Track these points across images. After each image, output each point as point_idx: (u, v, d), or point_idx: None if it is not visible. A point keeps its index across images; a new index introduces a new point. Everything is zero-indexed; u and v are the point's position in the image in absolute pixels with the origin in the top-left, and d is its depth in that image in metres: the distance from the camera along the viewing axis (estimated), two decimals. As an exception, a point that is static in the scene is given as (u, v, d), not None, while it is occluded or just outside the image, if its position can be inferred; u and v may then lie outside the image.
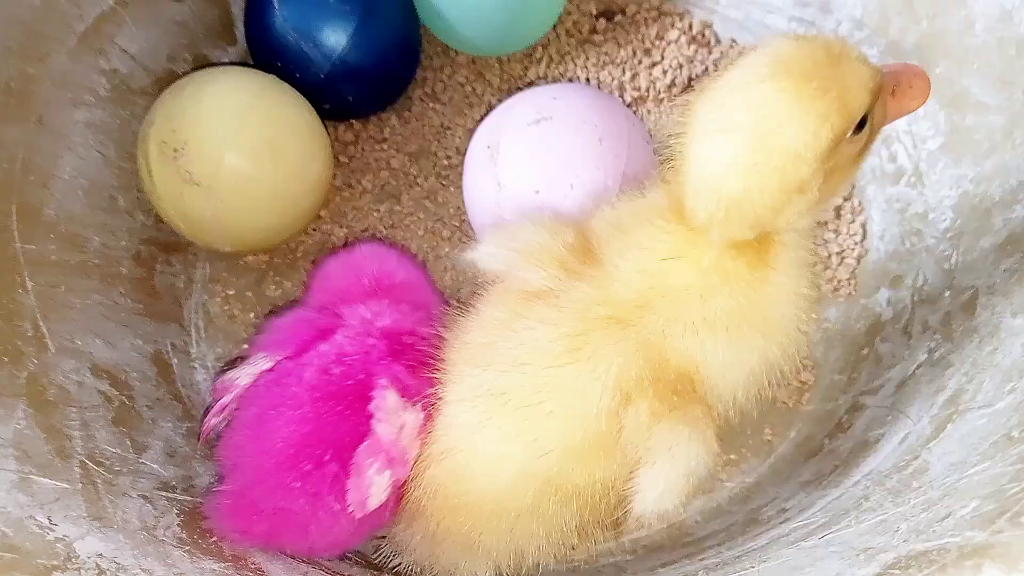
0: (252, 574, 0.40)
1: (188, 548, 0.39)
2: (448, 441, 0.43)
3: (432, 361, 0.45)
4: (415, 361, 0.46)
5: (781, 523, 0.44)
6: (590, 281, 0.40)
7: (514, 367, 0.40)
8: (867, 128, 0.35)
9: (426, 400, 0.45)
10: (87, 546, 0.34)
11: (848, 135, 0.34)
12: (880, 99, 0.36)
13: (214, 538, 0.42)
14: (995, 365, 0.40)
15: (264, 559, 0.43)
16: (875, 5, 0.60)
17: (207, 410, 0.48)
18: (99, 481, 0.40)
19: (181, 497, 0.45)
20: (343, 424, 0.43)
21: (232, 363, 0.49)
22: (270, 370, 0.46)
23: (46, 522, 0.35)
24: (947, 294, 0.49)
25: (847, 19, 0.62)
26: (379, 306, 0.48)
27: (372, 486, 0.44)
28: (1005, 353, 0.40)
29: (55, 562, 0.33)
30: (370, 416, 0.44)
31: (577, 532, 0.44)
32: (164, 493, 0.44)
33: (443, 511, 0.43)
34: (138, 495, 0.42)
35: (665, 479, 0.38)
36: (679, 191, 0.37)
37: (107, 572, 0.33)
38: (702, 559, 0.45)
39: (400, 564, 0.48)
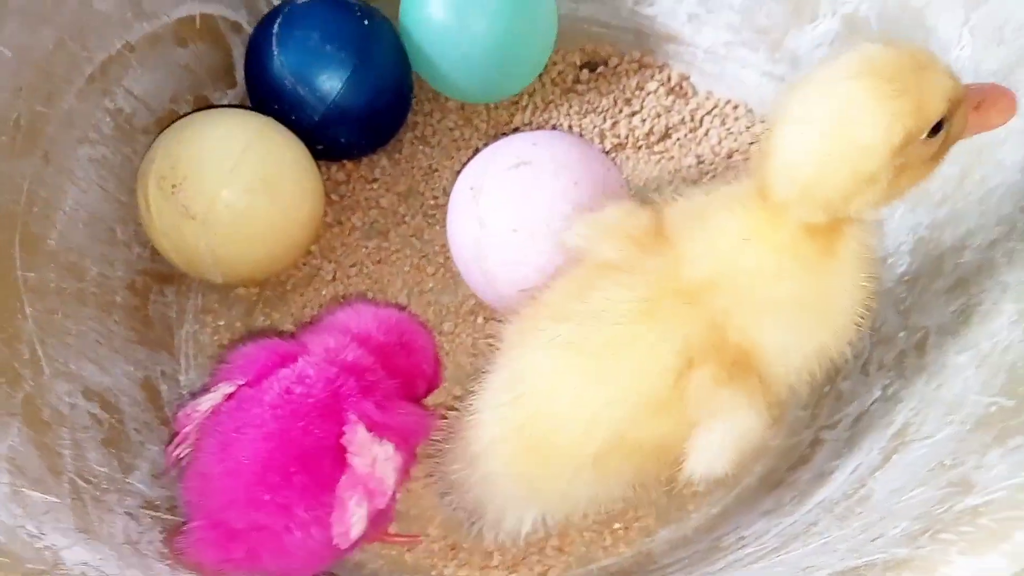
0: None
1: (170, 562, 0.41)
2: (524, 386, 0.45)
3: (396, 397, 0.48)
4: (382, 397, 0.49)
5: (738, 549, 0.45)
6: (662, 258, 0.43)
7: (590, 320, 0.42)
8: (942, 134, 0.38)
9: (395, 435, 0.48)
10: (74, 555, 0.36)
11: (922, 137, 0.37)
12: (960, 110, 0.38)
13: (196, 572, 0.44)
14: (939, 400, 0.43)
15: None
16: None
17: (169, 441, 0.50)
18: (87, 497, 0.42)
19: (165, 516, 0.47)
20: (307, 438, 0.45)
21: (196, 394, 0.51)
22: (231, 396, 0.48)
23: (36, 532, 0.37)
24: (902, 334, 0.52)
25: (814, 75, 0.66)
26: (345, 341, 0.50)
27: (354, 516, 0.46)
28: (948, 388, 0.43)
29: (43, 567, 0.35)
30: (343, 448, 0.46)
31: (633, 487, 0.46)
32: (148, 511, 0.45)
33: (510, 452, 0.45)
34: (124, 512, 0.43)
35: (719, 442, 0.41)
36: (764, 173, 0.40)
37: (91, 578, 0.35)
38: (665, 585, 0.47)
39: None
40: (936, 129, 0.37)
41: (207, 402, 0.48)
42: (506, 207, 0.54)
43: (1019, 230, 0.46)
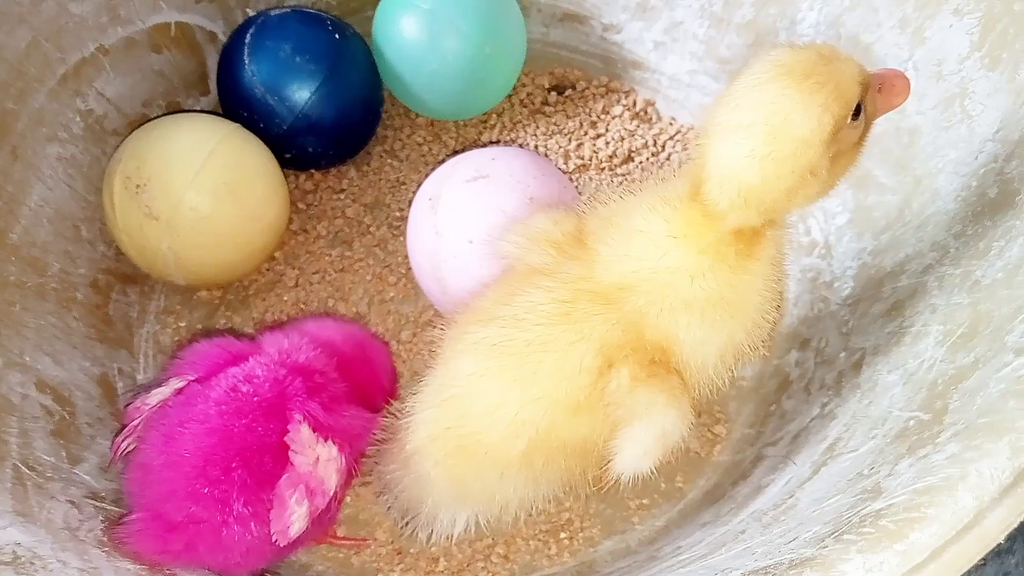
0: (166, 578, 0.42)
1: (107, 550, 0.41)
2: (451, 388, 0.46)
3: (343, 400, 0.50)
4: (328, 399, 0.50)
5: (673, 557, 0.46)
6: (579, 262, 0.45)
7: (512, 323, 0.44)
8: (862, 116, 0.40)
9: (339, 436, 0.48)
10: (7, 535, 0.37)
11: (848, 122, 0.39)
12: (870, 93, 0.41)
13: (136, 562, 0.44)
14: (868, 416, 0.44)
15: (184, 571, 0.45)
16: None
17: (117, 433, 0.50)
18: (29, 484, 0.43)
19: (109, 507, 0.47)
20: (250, 435, 0.46)
21: (147, 388, 0.52)
22: (179, 392, 0.49)
23: (-29, 511, 0.37)
24: (842, 355, 0.53)
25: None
26: (300, 342, 0.51)
27: (293, 515, 0.47)
28: (876, 405, 0.44)
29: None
30: (286, 446, 0.47)
31: (563, 487, 0.47)
32: (92, 501, 0.46)
33: (440, 452, 0.47)
34: (66, 500, 0.44)
35: (642, 442, 0.42)
36: (700, 183, 0.41)
37: (22, 558, 0.36)
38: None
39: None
40: (857, 113, 0.40)
41: (156, 396, 0.49)
42: (462, 218, 0.55)
43: (951, 256, 0.47)
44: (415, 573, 0.56)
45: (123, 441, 0.49)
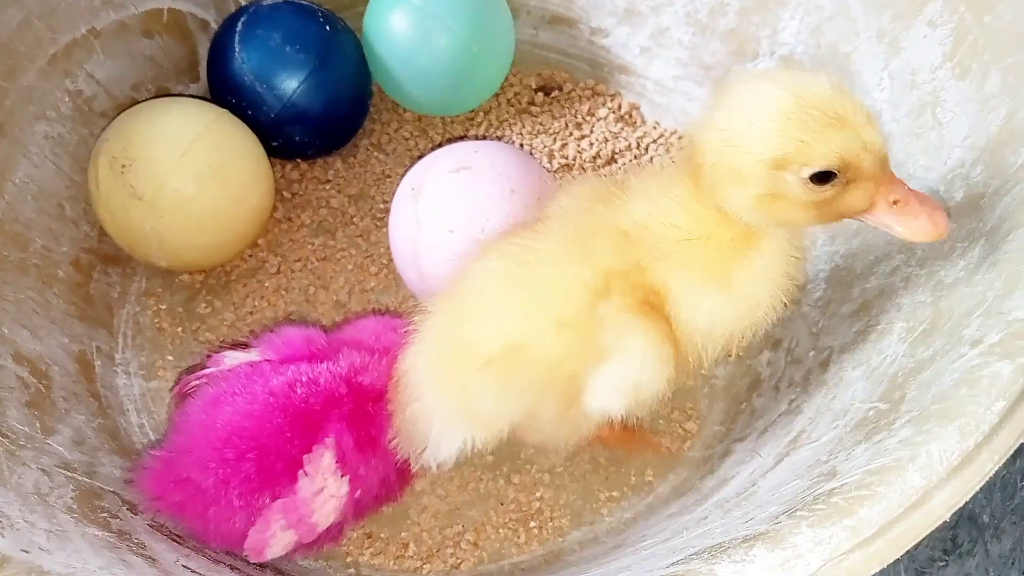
0: (134, 547, 0.42)
1: (76, 515, 0.41)
2: (452, 292, 0.47)
3: (380, 442, 0.49)
4: (367, 435, 0.49)
5: (639, 543, 0.47)
6: (603, 207, 0.46)
7: (528, 237, 0.45)
8: (828, 189, 0.38)
9: (359, 480, 0.48)
10: (-25, 495, 0.37)
11: (801, 175, 0.38)
12: (864, 185, 0.38)
13: (106, 513, 0.45)
14: (831, 409, 0.45)
15: (150, 539, 0.45)
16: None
17: (191, 369, 0.53)
18: (1, 450, 0.43)
19: (80, 478, 0.47)
20: (278, 436, 0.46)
21: (235, 345, 0.54)
22: (252, 364, 0.49)
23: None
24: (811, 354, 0.54)
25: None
26: (372, 362, 0.51)
27: (273, 539, 0.47)
28: (840, 399, 0.45)
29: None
30: (300, 464, 0.46)
31: (527, 413, 0.47)
32: (64, 471, 0.46)
33: (433, 356, 0.46)
34: (38, 468, 0.44)
35: (616, 377, 0.42)
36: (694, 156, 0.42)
37: (-10, 516, 0.36)
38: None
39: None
40: (822, 179, 0.38)
41: (236, 359, 0.50)
42: (443, 208, 0.56)
43: (917, 257, 0.48)
44: (384, 558, 0.57)
45: (192, 380, 0.50)
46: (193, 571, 0.43)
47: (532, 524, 0.57)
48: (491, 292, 0.45)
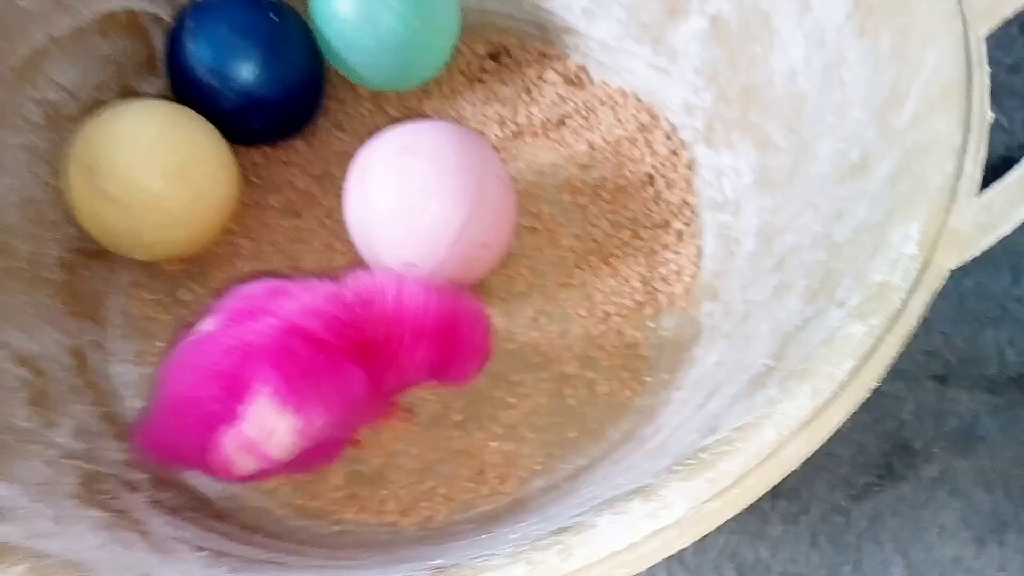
0: (130, 524, 0.48)
1: (79, 500, 0.47)
2: None
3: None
4: (299, 370, 0.49)
5: (585, 491, 0.53)
6: None
7: None
8: None
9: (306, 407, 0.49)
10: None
11: None
12: None
13: (107, 495, 0.51)
14: (741, 363, 0.49)
15: (147, 515, 0.51)
16: (708, 57, 0.70)
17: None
18: (6, 447, 0.49)
19: (84, 465, 0.53)
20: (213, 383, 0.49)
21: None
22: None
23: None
24: (741, 307, 0.59)
25: (689, 68, 0.72)
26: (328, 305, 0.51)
27: (234, 457, 0.49)
28: (749, 354, 0.49)
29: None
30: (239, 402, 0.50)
31: None
32: (67, 460, 0.52)
33: None
34: (42, 462, 0.50)
35: None
36: None
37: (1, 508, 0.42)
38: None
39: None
40: None
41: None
42: (387, 188, 0.60)
43: (820, 214, 0.52)
44: (368, 514, 0.62)
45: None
46: (187, 542, 0.49)
47: (494, 475, 0.63)
48: None
